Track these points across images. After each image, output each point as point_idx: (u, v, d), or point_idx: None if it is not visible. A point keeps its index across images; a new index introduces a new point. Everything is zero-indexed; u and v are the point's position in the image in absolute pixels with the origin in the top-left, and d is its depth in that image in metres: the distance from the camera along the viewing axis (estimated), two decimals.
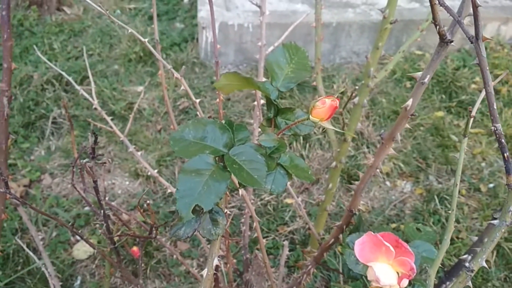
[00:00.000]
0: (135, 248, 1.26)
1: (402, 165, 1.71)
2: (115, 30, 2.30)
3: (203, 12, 2.08)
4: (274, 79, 0.48)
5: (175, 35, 2.27)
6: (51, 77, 1.94)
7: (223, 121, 0.46)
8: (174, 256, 1.41)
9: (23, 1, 2.42)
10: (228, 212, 0.80)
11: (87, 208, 1.53)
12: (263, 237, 1.42)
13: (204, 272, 0.42)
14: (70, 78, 0.90)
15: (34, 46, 1.96)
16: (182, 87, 0.72)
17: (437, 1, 0.39)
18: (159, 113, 1.90)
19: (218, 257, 0.43)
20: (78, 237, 1.44)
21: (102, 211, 0.68)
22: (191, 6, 2.52)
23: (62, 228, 1.45)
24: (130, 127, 1.83)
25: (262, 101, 0.86)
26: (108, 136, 1.78)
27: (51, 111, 1.82)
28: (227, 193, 0.58)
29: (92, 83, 0.90)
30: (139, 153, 0.90)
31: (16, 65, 2.10)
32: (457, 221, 1.56)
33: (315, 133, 1.83)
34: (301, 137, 1.75)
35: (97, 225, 1.39)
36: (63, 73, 0.92)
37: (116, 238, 0.76)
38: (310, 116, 0.43)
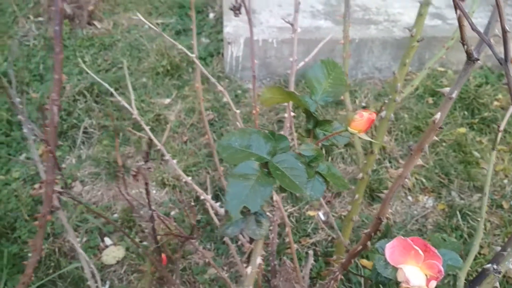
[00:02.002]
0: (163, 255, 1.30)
1: (424, 180, 1.72)
2: (143, 44, 2.38)
3: (229, 28, 2.14)
4: (313, 93, 0.52)
5: (201, 49, 2.34)
6: (82, 88, 2.02)
7: (266, 131, 0.50)
8: (200, 263, 1.45)
9: None
10: None
11: (116, 215, 1.58)
12: (286, 248, 1.45)
13: (249, 269, 0.46)
14: (112, 90, 0.95)
15: (80, 60, 2.04)
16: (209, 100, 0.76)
17: (468, 24, 0.43)
18: (185, 125, 1.96)
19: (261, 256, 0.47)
20: (107, 243, 1.49)
21: (150, 211, 0.73)
22: (216, 21, 2.59)
23: (92, 233, 1.51)
24: (155, 137, 1.88)
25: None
26: (137, 146, 1.84)
27: (82, 121, 1.90)
28: None
29: (132, 95, 0.95)
30: (173, 161, 0.94)
31: (49, 76, 2.19)
32: None
33: (336, 146, 1.86)
34: (324, 151, 1.78)
35: (142, 225, 1.44)
36: (106, 85, 0.98)
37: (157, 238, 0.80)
38: (349, 128, 0.46)
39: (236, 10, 0.84)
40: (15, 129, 1.86)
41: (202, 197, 0.94)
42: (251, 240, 0.68)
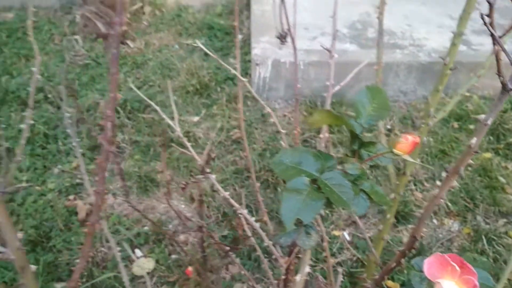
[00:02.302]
0: (190, 268, 1.34)
1: (449, 204, 1.73)
2: (174, 63, 2.47)
3: (257, 50, 2.21)
4: (358, 116, 0.56)
5: (228, 70, 2.41)
6: (116, 104, 2.10)
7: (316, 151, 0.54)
8: (226, 278, 1.48)
9: (91, 34, 2.64)
10: None
11: (146, 228, 1.63)
12: (315, 265, 1.47)
13: (298, 277, 0.50)
14: (158, 109, 1.01)
15: (129, 78, 2.14)
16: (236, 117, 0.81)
17: (506, 59, 0.47)
18: (213, 142, 2.01)
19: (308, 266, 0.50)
20: (137, 254, 1.54)
21: (201, 221, 0.77)
22: (243, 43, 2.67)
23: (123, 245, 1.55)
24: (186, 153, 1.94)
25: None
26: (166, 161, 1.90)
27: (115, 136, 1.97)
28: None
29: (176, 114, 1.01)
30: (212, 176, 0.99)
31: (84, 92, 2.28)
32: (505, 262, 1.56)
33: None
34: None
35: (190, 233, 1.48)
36: (150, 101, 1.04)
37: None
38: (394, 150, 0.50)
39: (282, 38, 0.89)
40: (51, 142, 1.94)
41: (238, 212, 0.98)
42: (290, 253, 0.72)
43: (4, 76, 2.34)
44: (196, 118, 2.17)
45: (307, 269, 0.50)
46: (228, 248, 0.87)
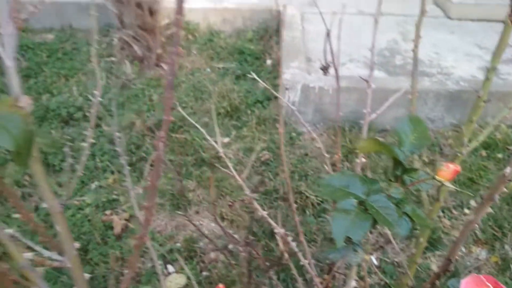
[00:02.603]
0: (220, 285, 1.38)
1: (477, 232, 1.74)
2: (205, 86, 2.56)
3: (287, 75, 2.28)
4: (401, 144, 0.61)
5: (258, 93, 2.49)
6: (151, 124, 2.20)
7: (361, 175, 0.59)
8: None
9: (127, 57, 2.76)
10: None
11: (178, 244, 1.68)
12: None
13: None
14: (198, 125, 1.08)
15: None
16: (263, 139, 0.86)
17: None
18: (243, 163, 2.07)
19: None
20: (170, 270, 1.59)
21: (249, 238, 0.82)
22: (273, 68, 2.75)
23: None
24: (216, 173, 2.00)
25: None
26: (198, 180, 1.97)
27: (150, 154, 2.05)
28: None
29: (218, 135, 1.07)
30: (253, 195, 1.04)
31: (120, 112, 2.38)
32: None
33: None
34: None
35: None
36: (194, 122, 1.10)
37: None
38: (436, 176, 0.55)
39: (325, 69, 0.94)
40: (89, 159, 2.03)
41: (276, 231, 1.03)
42: (329, 271, 0.76)
43: (44, 94, 2.47)
44: (226, 139, 2.24)
45: (354, 283, 0.54)
46: (272, 262, 0.92)
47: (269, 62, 2.80)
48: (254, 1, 3.14)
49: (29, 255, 0.64)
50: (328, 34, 0.98)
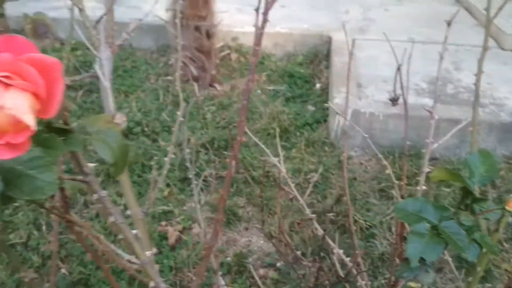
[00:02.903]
0: None
1: None
2: (256, 107, 2.65)
3: (337, 100, 2.34)
4: (472, 176, 0.65)
5: (308, 116, 2.55)
6: (205, 141, 2.30)
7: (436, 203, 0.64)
8: None
9: (183, 76, 2.90)
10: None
11: (228, 259, 1.75)
12: None
13: None
14: (262, 145, 1.15)
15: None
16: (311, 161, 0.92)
17: None
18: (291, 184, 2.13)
19: None
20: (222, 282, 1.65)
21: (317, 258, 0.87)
22: (322, 91, 2.81)
23: (209, 271, 1.68)
24: (264, 192, 2.07)
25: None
26: (248, 197, 2.04)
27: (204, 170, 2.14)
28: None
29: (282, 160, 1.14)
30: (313, 216, 1.09)
31: (175, 128, 2.48)
32: None
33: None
34: None
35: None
36: (257, 140, 1.17)
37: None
38: (506, 207, 0.59)
39: (394, 101, 1.00)
40: (146, 171, 2.15)
41: (334, 251, 1.07)
42: None
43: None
44: (275, 160, 2.30)
45: None
46: (341, 279, 0.96)
47: (318, 86, 2.87)
48: (305, 26, 3.24)
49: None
50: (398, 68, 1.03)
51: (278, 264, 1.77)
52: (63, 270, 1.69)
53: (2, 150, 0.33)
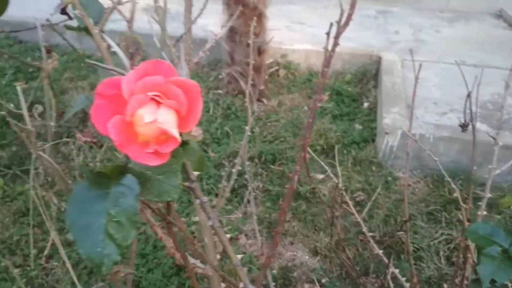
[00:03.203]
0: None
1: None
2: (303, 123, 2.68)
3: (387, 120, 2.34)
4: None
5: (355, 134, 2.56)
6: (253, 154, 2.35)
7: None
8: None
9: (233, 90, 2.98)
10: None
11: (274, 271, 1.78)
12: None
13: None
14: (319, 159, 1.18)
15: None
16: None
17: None
18: (337, 201, 2.14)
19: None
20: None
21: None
22: (369, 111, 2.82)
23: (253, 282, 1.71)
24: (311, 208, 2.08)
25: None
26: (293, 213, 2.06)
27: (251, 182, 2.19)
28: None
29: (339, 176, 1.16)
30: (369, 235, 1.11)
31: (224, 140, 2.55)
32: None
33: None
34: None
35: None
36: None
37: None
38: None
39: (464, 127, 1.01)
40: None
41: (391, 270, 1.08)
42: None
43: None
44: (321, 176, 2.32)
45: None
46: None
47: (366, 105, 2.88)
48: (353, 45, 3.26)
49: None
50: (468, 95, 1.04)
51: (324, 280, 1.78)
52: None
53: (150, 157, 0.38)
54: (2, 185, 2.22)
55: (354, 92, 2.97)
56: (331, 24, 1.00)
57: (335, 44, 0.97)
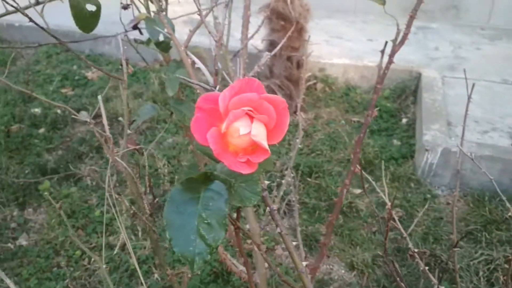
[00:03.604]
0: None
1: None
2: (340, 137, 2.69)
3: (428, 136, 2.32)
4: None
5: (393, 150, 2.55)
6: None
7: None
8: None
9: None
10: None
11: None
12: None
13: None
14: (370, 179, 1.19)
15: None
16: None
17: None
18: (374, 217, 2.13)
19: None
20: None
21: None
22: (408, 127, 2.79)
23: None
24: (348, 223, 2.08)
25: None
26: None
27: (287, 194, 2.20)
28: None
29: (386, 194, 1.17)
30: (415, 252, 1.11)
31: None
32: None
33: None
34: None
35: None
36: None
37: None
38: None
39: None
40: None
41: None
42: None
43: None
44: (358, 191, 2.32)
45: None
46: None
47: (404, 120, 2.86)
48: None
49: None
50: None
51: None
52: (155, 276, 1.81)
53: (243, 166, 0.42)
54: (48, 187, 2.32)
55: (392, 108, 2.95)
56: (386, 43, 1.03)
57: (390, 62, 0.99)
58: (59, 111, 2.87)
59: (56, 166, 2.42)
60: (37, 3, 1.94)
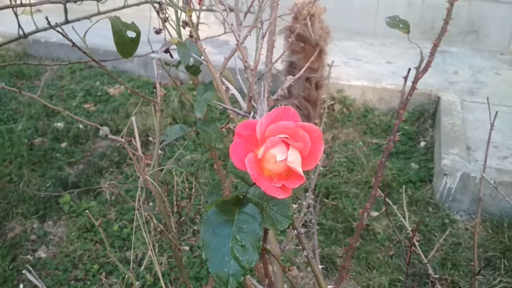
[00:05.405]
0: None
1: None
2: (357, 158, 2.68)
3: (446, 161, 2.31)
4: None
5: (411, 173, 2.53)
6: (307, 187, 2.37)
7: None
8: None
9: None
10: None
11: None
12: None
13: None
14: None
15: None
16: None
17: None
18: (391, 240, 2.11)
19: None
20: None
21: None
22: (426, 150, 2.78)
23: None
24: (365, 246, 2.07)
25: None
26: (346, 249, 2.05)
27: (304, 215, 2.20)
28: None
29: (403, 219, 1.17)
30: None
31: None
32: None
33: None
34: None
35: None
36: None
37: None
38: None
39: None
40: None
41: None
42: None
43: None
44: (375, 214, 2.31)
45: None
46: None
47: (422, 144, 2.85)
48: (410, 84, 3.25)
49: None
50: None
51: None
52: None
53: (278, 191, 0.44)
54: (69, 201, 2.36)
55: (410, 131, 2.95)
56: (409, 70, 1.04)
57: (413, 88, 1.01)
58: (81, 125, 2.93)
59: (77, 180, 2.47)
60: (67, 22, 2.00)
